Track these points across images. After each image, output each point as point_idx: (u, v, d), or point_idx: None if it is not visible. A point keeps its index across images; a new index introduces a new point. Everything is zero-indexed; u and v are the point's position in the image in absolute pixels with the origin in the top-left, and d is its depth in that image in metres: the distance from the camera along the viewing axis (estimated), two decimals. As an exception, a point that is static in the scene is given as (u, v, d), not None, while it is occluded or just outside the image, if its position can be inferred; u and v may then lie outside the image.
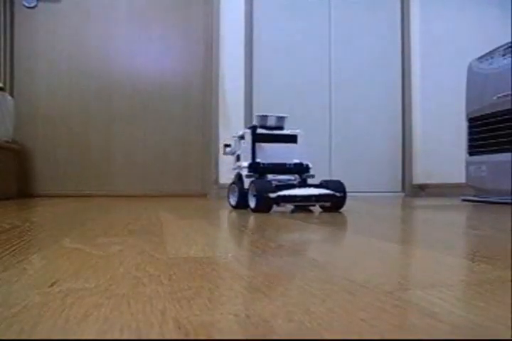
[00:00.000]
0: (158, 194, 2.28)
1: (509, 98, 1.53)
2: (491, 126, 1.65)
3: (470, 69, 1.81)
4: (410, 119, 2.50)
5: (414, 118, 2.50)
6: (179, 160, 2.33)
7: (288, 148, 1.29)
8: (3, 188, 1.89)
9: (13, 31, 2.21)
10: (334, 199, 1.17)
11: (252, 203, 1.17)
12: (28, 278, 0.37)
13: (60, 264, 0.42)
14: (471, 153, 1.78)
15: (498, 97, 1.59)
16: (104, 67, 2.28)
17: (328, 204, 1.19)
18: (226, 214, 1.14)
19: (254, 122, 1.30)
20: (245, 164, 1.24)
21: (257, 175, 1.23)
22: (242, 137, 1.30)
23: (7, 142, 1.96)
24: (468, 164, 1.79)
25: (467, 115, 1.80)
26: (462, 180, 1.84)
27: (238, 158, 1.32)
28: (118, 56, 2.29)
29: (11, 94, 2.13)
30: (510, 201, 1.51)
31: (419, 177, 2.47)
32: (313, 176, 1.27)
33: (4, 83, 2.10)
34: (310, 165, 1.28)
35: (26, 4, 2.21)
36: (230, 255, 0.48)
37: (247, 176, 1.23)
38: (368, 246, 0.55)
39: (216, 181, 2.25)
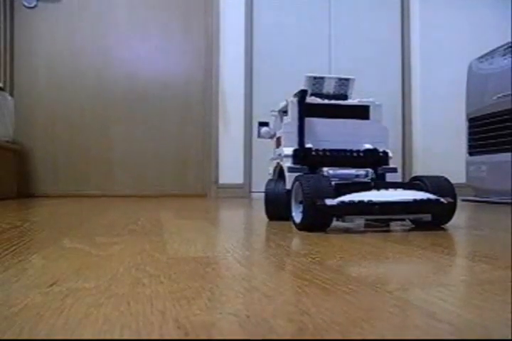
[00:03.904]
0: (158, 194, 2.28)
1: (509, 98, 1.53)
2: (491, 126, 1.65)
3: (470, 69, 1.80)
4: (410, 119, 2.50)
5: (414, 119, 2.50)
6: (179, 160, 2.33)
7: (355, 127, 0.88)
8: (3, 188, 1.88)
9: (13, 31, 2.21)
10: (439, 208, 0.72)
11: (297, 214, 0.75)
12: (28, 278, 0.37)
13: (60, 264, 0.42)
14: (471, 153, 1.78)
15: (498, 97, 1.59)
16: (104, 67, 2.27)
17: (428, 217, 0.73)
18: (228, 215, 1.13)
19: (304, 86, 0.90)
20: (288, 151, 0.84)
21: (306, 168, 0.82)
22: (285, 111, 0.91)
23: (7, 142, 1.95)
24: (468, 164, 1.79)
25: (467, 115, 1.80)
26: (462, 180, 1.84)
27: (279, 143, 0.91)
28: (118, 56, 2.29)
29: (11, 94, 2.13)
30: (510, 201, 1.51)
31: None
32: (394, 170, 0.85)
33: (4, 83, 2.10)
34: (390, 154, 0.86)
35: (26, 4, 2.21)
36: (228, 254, 0.48)
37: (291, 169, 0.82)
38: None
39: (216, 181, 2.25)
